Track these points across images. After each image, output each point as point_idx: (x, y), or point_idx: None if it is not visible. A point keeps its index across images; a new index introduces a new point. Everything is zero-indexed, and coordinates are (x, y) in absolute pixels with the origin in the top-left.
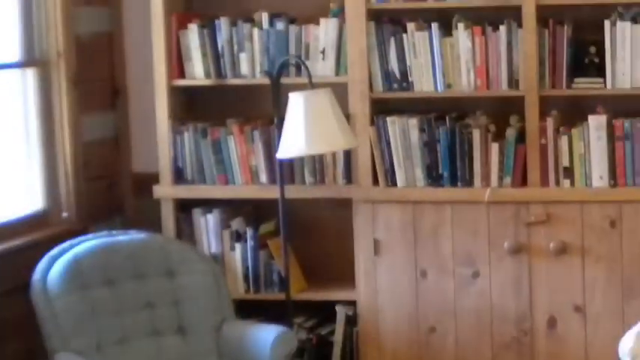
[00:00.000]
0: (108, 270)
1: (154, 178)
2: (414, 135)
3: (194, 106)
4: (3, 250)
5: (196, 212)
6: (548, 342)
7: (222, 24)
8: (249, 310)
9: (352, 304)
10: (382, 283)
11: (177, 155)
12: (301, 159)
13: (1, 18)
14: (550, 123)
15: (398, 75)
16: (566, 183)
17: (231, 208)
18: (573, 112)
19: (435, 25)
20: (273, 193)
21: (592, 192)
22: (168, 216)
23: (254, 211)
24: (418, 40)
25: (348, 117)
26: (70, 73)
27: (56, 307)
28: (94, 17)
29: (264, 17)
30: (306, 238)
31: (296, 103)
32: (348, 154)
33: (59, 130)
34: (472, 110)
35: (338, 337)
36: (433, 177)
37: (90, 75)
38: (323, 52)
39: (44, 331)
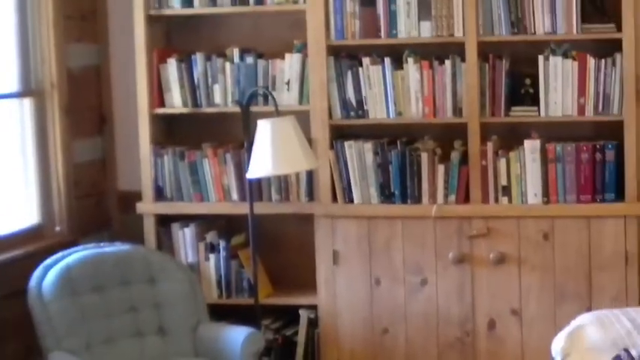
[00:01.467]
0: (96, 278)
1: (137, 196)
2: (369, 157)
3: (173, 132)
4: (2, 259)
5: (175, 226)
6: (488, 342)
7: (198, 59)
8: (222, 313)
9: (314, 308)
10: (340, 289)
11: (158, 175)
12: (268, 179)
13: (1, 53)
14: (490, 147)
15: (354, 104)
16: (505, 200)
17: (205, 222)
18: (511, 137)
19: (387, 60)
20: (243, 209)
21: (527, 208)
22: (149, 230)
23: (226, 225)
24: (372, 73)
25: (310, 141)
26: (63, 103)
27: (50, 311)
28: (84, 52)
29: (235, 52)
30: (272, 249)
31: (263, 129)
32: (310, 174)
33: (53, 153)
34: (420, 135)
35: (301, 338)
36: (386, 195)
37: (80, 104)
38: (288, 83)
39: (39, 332)
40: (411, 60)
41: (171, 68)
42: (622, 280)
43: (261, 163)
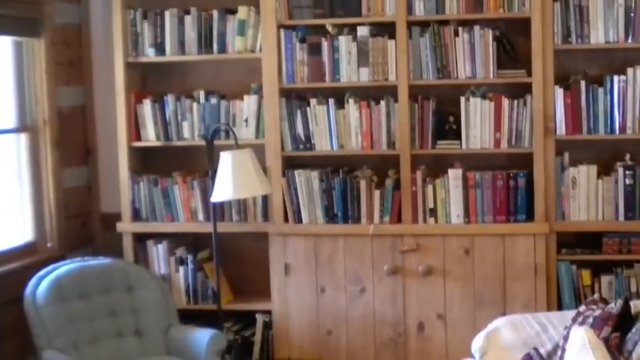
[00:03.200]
0: (82, 286)
1: (117, 217)
2: (315, 184)
3: (148, 162)
4: (1, 271)
5: (149, 243)
6: (418, 342)
7: (169, 99)
8: (190, 317)
9: (268, 312)
10: (291, 296)
11: (135, 199)
12: (229, 202)
13: (1, 95)
14: (419, 175)
15: (303, 138)
16: (432, 220)
17: (176, 239)
18: (437, 167)
19: (331, 101)
20: (208, 228)
21: (451, 227)
22: (128, 245)
23: (193, 242)
24: (318, 112)
25: (265, 170)
26: (53, 137)
27: (43, 315)
28: (72, 94)
29: (201, 94)
30: (233, 263)
31: (225, 159)
32: (265, 198)
33: (45, 180)
34: (360, 165)
35: (257, 338)
36: (330, 216)
37: (68, 138)
38: (246, 120)
39: (33, 333)
40: (351, 101)
41: (147, 107)
42: (532, 289)
43: (224, 189)
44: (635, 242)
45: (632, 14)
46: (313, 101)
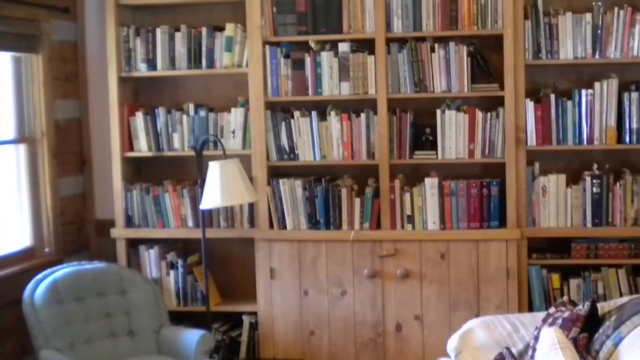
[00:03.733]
0: (78, 289)
1: (111, 223)
2: (299, 192)
3: (140, 172)
4: (2, 275)
5: (142, 248)
6: (396, 342)
7: (160, 112)
8: (180, 318)
9: (254, 314)
10: (276, 299)
11: (128, 207)
12: (218, 209)
13: (1, 108)
14: (397, 184)
15: (287, 149)
16: (409, 227)
17: (166, 245)
18: (414, 176)
19: (314, 113)
20: (197, 234)
21: (427, 233)
22: (121, 250)
23: (183, 247)
24: (302, 124)
25: (251, 179)
26: (51, 148)
27: (40, 317)
28: (68, 107)
29: (191, 107)
30: (221, 267)
31: (213, 169)
32: (251, 206)
33: (43, 188)
34: (341, 174)
35: (244, 338)
36: (313, 222)
37: (65, 149)
38: (233, 132)
39: (32, 334)
40: (333, 113)
41: (139, 120)
42: (504, 292)
43: (212, 197)
44: (602, 247)
45: (599, 31)
46: (297, 114)
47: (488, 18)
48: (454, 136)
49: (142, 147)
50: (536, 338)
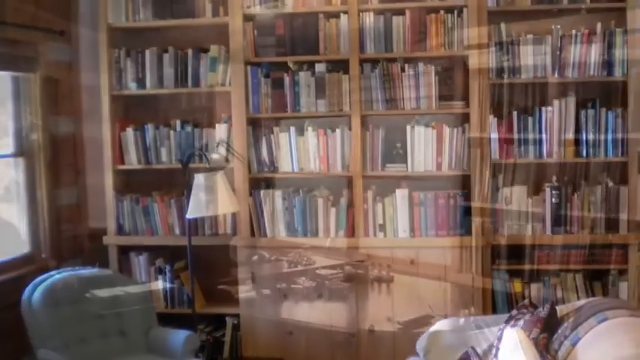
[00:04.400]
0: (72, 293)
1: (103, 231)
2: (279, 202)
3: (130, 183)
4: (1, 280)
5: (132, 254)
6: (369, 342)
7: (149, 128)
8: (167, 320)
9: (237, 316)
10: (257, 301)
11: (119, 216)
12: (203, 218)
13: (2, 125)
14: (370, 194)
15: (267, 162)
16: (381, 235)
17: (155, 251)
18: (386, 187)
19: (292, 128)
20: (183, 241)
21: (398, 241)
22: (113, 257)
23: (171, 254)
24: (281, 139)
25: (234, 190)
26: (47, 161)
27: (38, 318)
28: (63, 123)
29: (178, 123)
30: (206, 272)
31: (199, 181)
32: (234, 215)
33: (40, 198)
34: (317, 186)
35: (227, 338)
36: (291, 230)
37: (60, 162)
38: (217, 146)
39: (30, 334)
40: (310, 129)
41: (129, 135)
42: (470, 295)
43: (197, 207)
44: (561, 254)
45: (558, 52)
46: (276, 129)
47: (454, 40)
48: (423, 150)
49: (133, 160)
50: (500, 338)
